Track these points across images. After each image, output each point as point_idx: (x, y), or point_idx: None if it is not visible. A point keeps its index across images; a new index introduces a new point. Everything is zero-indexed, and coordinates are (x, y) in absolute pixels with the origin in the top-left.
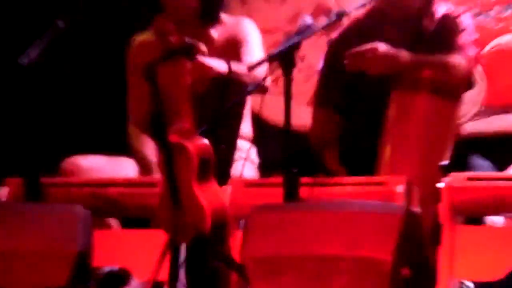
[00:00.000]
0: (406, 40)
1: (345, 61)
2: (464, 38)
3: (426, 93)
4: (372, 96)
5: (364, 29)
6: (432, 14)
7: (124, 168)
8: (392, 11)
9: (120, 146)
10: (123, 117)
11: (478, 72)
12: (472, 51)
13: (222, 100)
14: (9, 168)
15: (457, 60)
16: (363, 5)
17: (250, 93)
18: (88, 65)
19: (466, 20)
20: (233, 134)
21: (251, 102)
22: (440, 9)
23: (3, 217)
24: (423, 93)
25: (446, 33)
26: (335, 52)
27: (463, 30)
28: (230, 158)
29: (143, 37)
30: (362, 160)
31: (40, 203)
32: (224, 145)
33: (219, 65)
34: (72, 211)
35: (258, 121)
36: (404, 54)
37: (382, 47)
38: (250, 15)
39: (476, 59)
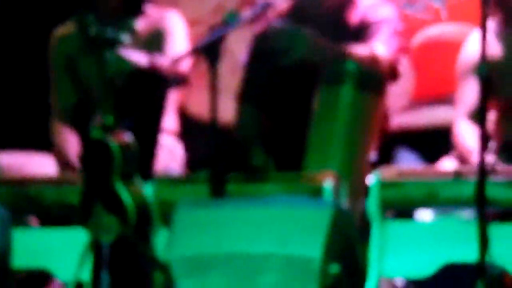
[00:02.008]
0: (329, 32)
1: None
2: (388, 29)
3: (350, 86)
4: (296, 91)
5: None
6: (355, 6)
7: (43, 165)
8: (313, 4)
9: (39, 143)
10: (44, 112)
11: (405, 64)
12: (396, 43)
13: (143, 93)
14: None
15: (382, 51)
16: None
17: (173, 86)
18: (8, 57)
19: (390, 11)
20: (156, 127)
21: (176, 96)
22: (364, 1)
23: None
24: (346, 86)
25: (369, 24)
26: (260, 48)
27: (387, 21)
28: (153, 154)
29: (64, 29)
30: (289, 156)
31: None
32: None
33: (140, 57)
34: None
35: (183, 115)
36: (326, 43)
37: (309, 29)
38: (175, 5)
39: (403, 50)
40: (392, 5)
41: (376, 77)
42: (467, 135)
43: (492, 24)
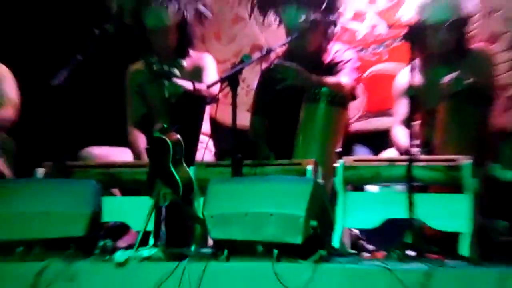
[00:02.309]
0: (310, 68)
1: (278, 71)
2: (349, 66)
3: (324, 103)
4: (289, 106)
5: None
6: (328, 51)
7: (123, 155)
8: (300, 50)
9: (120, 140)
10: (123, 120)
11: (360, 89)
12: (355, 75)
13: (188, 108)
14: (44, 156)
15: (345, 81)
16: (284, 44)
17: (208, 103)
18: (101, 83)
19: (350, 54)
20: (197, 131)
21: (209, 109)
22: (334, 47)
23: (39, 188)
24: (322, 103)
25: (337, 63)
26: (265, 77)
27: (348, 61)
28: (195, 148)
29: (136, 65)
30: (284, 149)
31: (66, 179)
32: (190, 137)
33: (186, 84)
34: (88, 184)
35: (214, 122)
36: (309, 75)
37: (297, 66)
38: (208, 51)
39: (359, 80)
40: (351, 50)
41: (342, 97)
42: (400, 135)
43: (416, 63)
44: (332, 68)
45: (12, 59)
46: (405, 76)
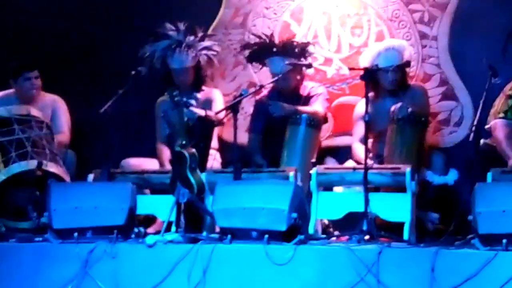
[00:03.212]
0: (292, 100)
1: (269, 107)
2: (321, 98)
3: (304, 126)
4: (277, 128)
5: (272, 96)
6: (304, 87)
7: (152, 164)
8: (283, 86)
9: (150, 153)
10: (153, 140)
11: (329, 115)
12: (326, 104)
13: (202, 129)
14: (94, 164)
15: (318, 109)
16: (272, 82)
17: (216, 125)
18: (136, 111)
19: (322, 89)
20: (208, 146)
21: (217, 130)
22: (308, 84)
23: (90, 189)
24: (302, 126)
25: (311, 96)
26: (259, 106)
27: (320, 94)
28: (206, 158)
29: (162, 97)
30: (273, 160)
31: (110, 182)
32: (202, 151)
33: (200, 111)
34: (126, 185)
35: (220, 139)
36: (291, 106)
37: (283, 103)
38: (216, 87)
39: (328, 109)
40: (322, 86)
41: (317, 122)
42: (359, 150)
43: (370, 96)
44: (308, 99)
45: (69, 91)
46: (362, 105)
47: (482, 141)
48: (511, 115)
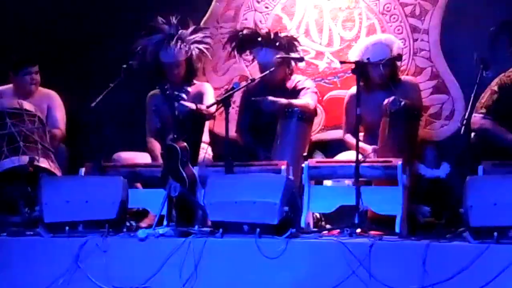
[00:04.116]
0: (279, 93)
1: (261, 104)
2: (310, 91)
3: (295, 119)
4: (267, 123)
5: (259, 89)
6: (291, 80)
7: (143, 158)
8: (270, 79)
9: (142, 147)
10: (143, 133)
11: (320, 109)
12: (316, 97)
13: (193, 122)
14: (86, 158)
15: (309, 102)
16: (263, 76)
17: (207, 119)
18: (127, 105)
19: (309, 83)
20: (199, 139)
21: (208, 124)
22: (295, 78)
23: (82, 182)
24: (293, 119)
25: (299, 89)
26: (246, 99)
27: (309, 88)
28: (198, 152)
29: (154, 92)
30: (264, 153)
31: (101, 176)
32: (194, 145)
33: (191, 105)
34: (118, 179)
35: (212, 133)
36: (282, 100)
37: (271, 98)
38: (207, 80)
39: (319, 102)
40: (310, 80)
41: (309, 115)
42: (350, 142)
43: (361, 89)
44: (295, 92)
45: (61, 86)
46: (351, 96)
47: (473, 134)
48: (492, 112)
